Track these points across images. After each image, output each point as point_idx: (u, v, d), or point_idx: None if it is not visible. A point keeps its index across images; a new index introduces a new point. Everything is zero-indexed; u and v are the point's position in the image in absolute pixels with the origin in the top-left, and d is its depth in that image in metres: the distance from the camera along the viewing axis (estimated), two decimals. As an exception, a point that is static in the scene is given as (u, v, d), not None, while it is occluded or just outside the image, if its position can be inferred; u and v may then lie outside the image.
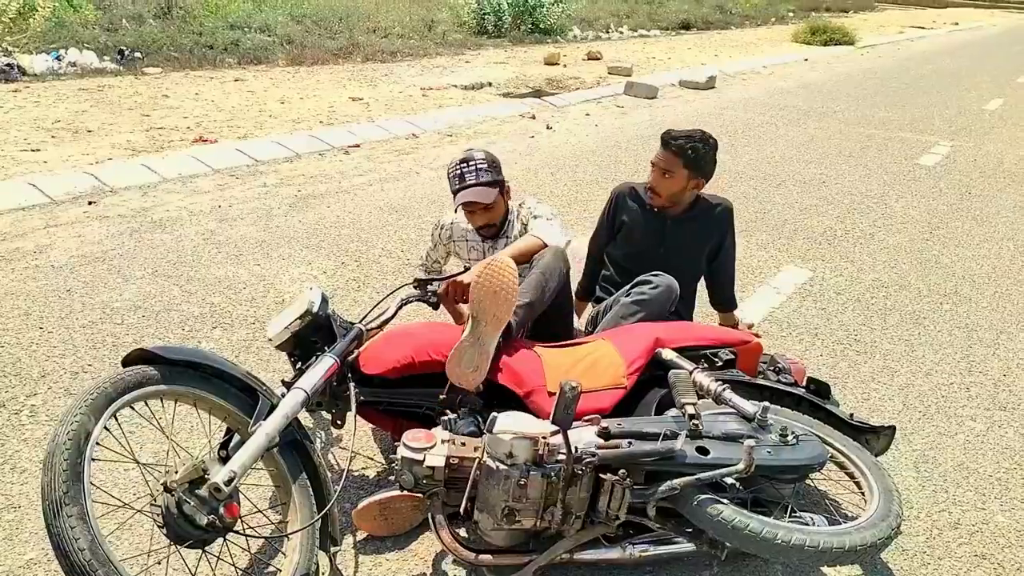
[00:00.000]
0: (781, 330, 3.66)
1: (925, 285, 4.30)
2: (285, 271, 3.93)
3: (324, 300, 2.22)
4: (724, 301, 3.21)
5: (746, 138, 7.69)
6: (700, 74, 11.21)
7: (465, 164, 2.77)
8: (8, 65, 7.97)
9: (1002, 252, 4.89)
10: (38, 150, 5.57)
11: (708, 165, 2.91)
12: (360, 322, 2.27)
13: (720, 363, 2.44)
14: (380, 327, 2.35)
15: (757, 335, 2.93)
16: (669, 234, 3.00)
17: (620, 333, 2.60)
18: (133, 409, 1.80)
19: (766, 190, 5.94)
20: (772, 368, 2.61)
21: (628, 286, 2.85)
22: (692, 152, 2.84)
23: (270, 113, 7.29)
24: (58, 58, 8.61)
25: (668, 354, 2.40)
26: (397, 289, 2.53)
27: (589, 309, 3.21)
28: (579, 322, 3.31)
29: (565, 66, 11.80)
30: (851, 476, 2.19)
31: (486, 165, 2.78)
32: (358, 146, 6.50)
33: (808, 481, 2.37)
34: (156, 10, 11.57)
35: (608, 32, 17.29)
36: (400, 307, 2.38)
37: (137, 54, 9.44)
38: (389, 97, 8.49)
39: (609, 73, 11.27)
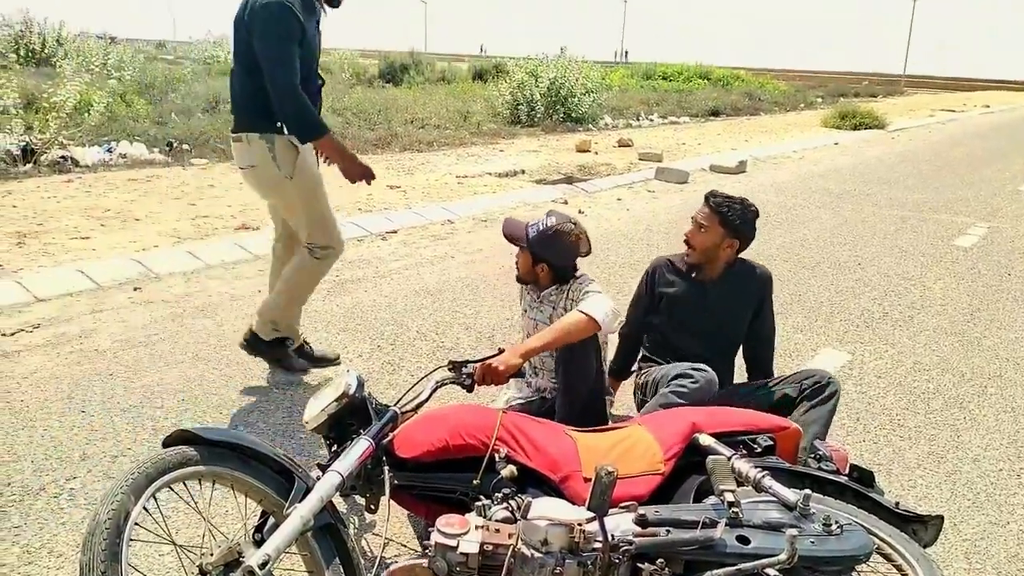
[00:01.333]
0: (821, 414, 3.58)
1: (968, 368, 4.21)
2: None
3: (360, 383, 2.25)
4: (765, 377, 3.21)
5: (778, 221, 7.72)
6: (730, 159, 11.36)
7: (543, 216, 2.98)
8: (63, 157, 8.37)
9: (1047, 334, 4.78)
10: (87, 237, 5.79)
11: (744, 227, 3.05)
12: (395, 405, 2.29)
13: (759, 449, 2.39)
14: (415, 410, 2.36)
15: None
16: (710, 297, 3.11)
17: (656, 418, 2.57)
18: (172, 490, 1.82)
19: (801, 272, 5.92)
20: (813, 455, 2.55)
21: (669, 376, 2.87)
22: (728, 211, 3.02)
23: (310, 201, 7.50)
24: (110, 150, 9.02)
25: (706, 440, 2.36)
26: (432, 372, 2.55)
27: (631, 383, 3.26)
28: (613, 404, 3.30)
29: (596, 153, 12.04)
30: (899, 568, 2.10)
31: (539, 231, 2.93)
32: (395, 232, 6.64)
33: (854, 573, 2.28)
34: (204, 104, 12.13)
35: (639, 120, 17.68)
36: (435, 389, 2.39)
37: (185, 146, 9.86)
38: (426, 185, 8.71)
39: (640, 159, 11.47)
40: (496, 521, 2.00)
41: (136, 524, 1.66)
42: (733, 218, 3.02)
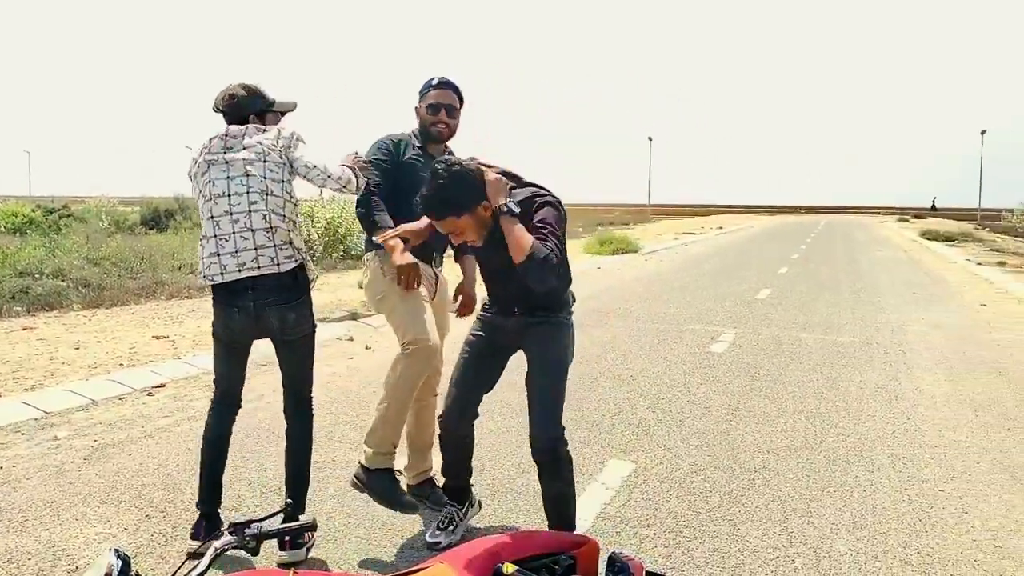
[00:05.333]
0: (615, 526, 3.69)
1: (736, 463, 4.55)
2: (79, 533, 3.50)
3: (126, 562, 1.99)
4: None
5: (556, 342, 8.10)
6: (507, 287, 11.88)
7: None
8: None
9: (796, 424, 5.33)
10: None
11: (467, 196, 2.91)
12: (169, 581, 2.04)
13: (561, 570, 2.40)
14: (193, 584, 2.12)
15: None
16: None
17: (458, 554, 2.51)
18: None
19: (581, 388, 6.20)
20: (611, 569, 2.59)
21: None
22: (442, 202, 2.90)
23: (63, 360, 6.80)
24: None
25: (509, 569, 2.33)
26: (210, 537, 2.32)
27: None
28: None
29: (378, 288, 12.09)
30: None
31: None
32: (163, 386, 6.15)
33: None
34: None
35: (416, 254, 18.15)
36: (215, 558, 2.17)
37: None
38: (197, 333, 8.22)
39: (421, 292, 11.68)
40: None
41: None
42: (451, 201, 2.88)
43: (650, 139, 67.85)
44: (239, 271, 3.12)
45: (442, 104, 3.63)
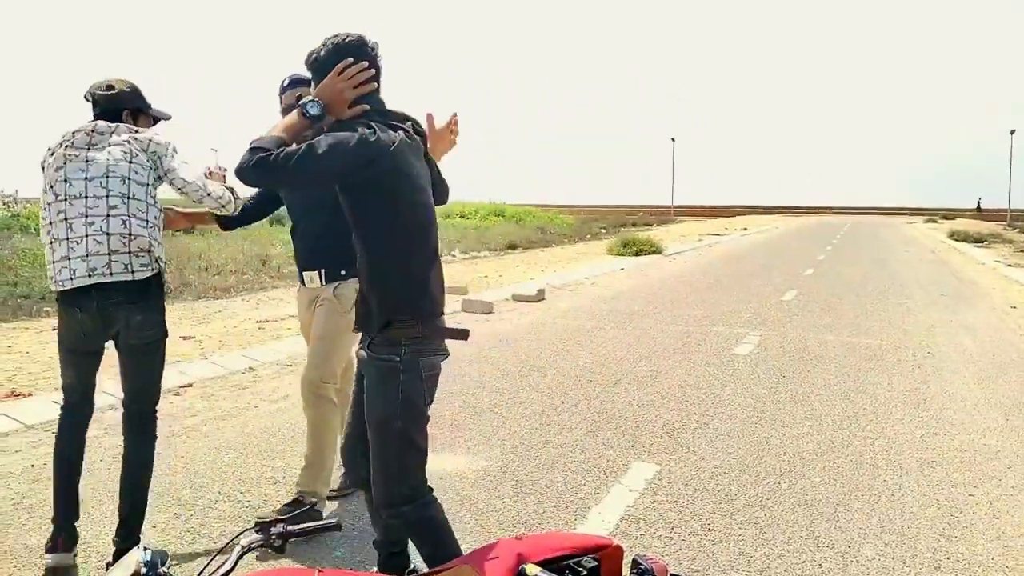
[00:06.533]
0: (639, 528, 3.67)
1: (762, 466, 4.52)
2: (109, 530, 3.54)
3: (155, 559, 2.01)
4: None
5: (579, 343, 8.09)
6: (530, 288, 11.89)
7: None
8: None
9: (823, 428, 5.27)
10: None
11: (325, 62, 2.51)
12: (197, 578, 2.06)
13: (584, 572, 2.39)
14: (220, 582, 2.14)
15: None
16: None
17: (482, 555, 2.51)
18: None
19: (604, 390, 6.18)
20: (635, 571, 2.58)
21: None
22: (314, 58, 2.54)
23: (92, 359, 6.89)
24: None
25: (532, 570, 2.33)
26: (237, 536, 2.35)
27: None
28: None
29: (401, 290, 12.14)
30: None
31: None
32: (190, 385, 6.22)
33: None
34: (-36, 263, 11.01)
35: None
36: (241, 556, 2.18)
37: (-61, 309, 8.82)
38: (223, 332, 8.31)
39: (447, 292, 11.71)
40: None
41: None
42: (314, 57, 2.52)
43: (673, 140, 67.65)
44: (89, 276, 2.94)
45: (292, 105, 3.34)
